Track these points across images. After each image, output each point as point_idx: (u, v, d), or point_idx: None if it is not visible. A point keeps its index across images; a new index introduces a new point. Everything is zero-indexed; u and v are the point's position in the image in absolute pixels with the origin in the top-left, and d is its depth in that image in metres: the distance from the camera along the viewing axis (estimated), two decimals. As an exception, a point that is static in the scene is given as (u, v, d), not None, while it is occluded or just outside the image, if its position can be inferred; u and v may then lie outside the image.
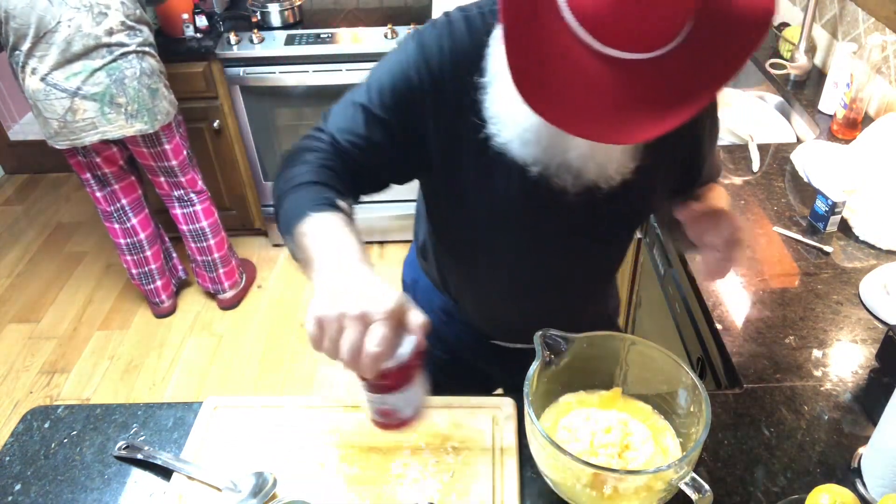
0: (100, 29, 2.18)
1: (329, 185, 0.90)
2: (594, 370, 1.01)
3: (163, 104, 2.38)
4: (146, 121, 2.35)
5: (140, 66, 2.28)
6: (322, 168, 0.93)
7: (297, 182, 0.90)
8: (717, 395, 1.13)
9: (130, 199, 2.64)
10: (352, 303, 0.72)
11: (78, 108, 2.24)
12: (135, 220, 2.66)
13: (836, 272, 1.38)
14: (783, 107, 2.10)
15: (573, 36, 0.76)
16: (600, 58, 0.75)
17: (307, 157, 0.94)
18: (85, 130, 2.30)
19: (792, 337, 1.24)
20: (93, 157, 2.47)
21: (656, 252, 1.75)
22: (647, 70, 0.76)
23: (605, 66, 0.75)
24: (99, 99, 2.25)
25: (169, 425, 1.09)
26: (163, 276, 2.83)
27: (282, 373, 2.66)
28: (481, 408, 1.07)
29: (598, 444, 0.91)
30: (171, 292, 2.91)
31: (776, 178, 1.68)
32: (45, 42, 2.15)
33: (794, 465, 1.00)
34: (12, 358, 2.79)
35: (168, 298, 2.90)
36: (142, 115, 2.33)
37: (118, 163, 2.53)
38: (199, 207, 2.69)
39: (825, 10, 2.11)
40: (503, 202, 1.01)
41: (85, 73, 2.21)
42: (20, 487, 1.01)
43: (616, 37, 0.74)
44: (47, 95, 2.22)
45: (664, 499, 0.86)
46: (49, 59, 2.17)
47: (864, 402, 1.11)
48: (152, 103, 2.34)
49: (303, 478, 0.99)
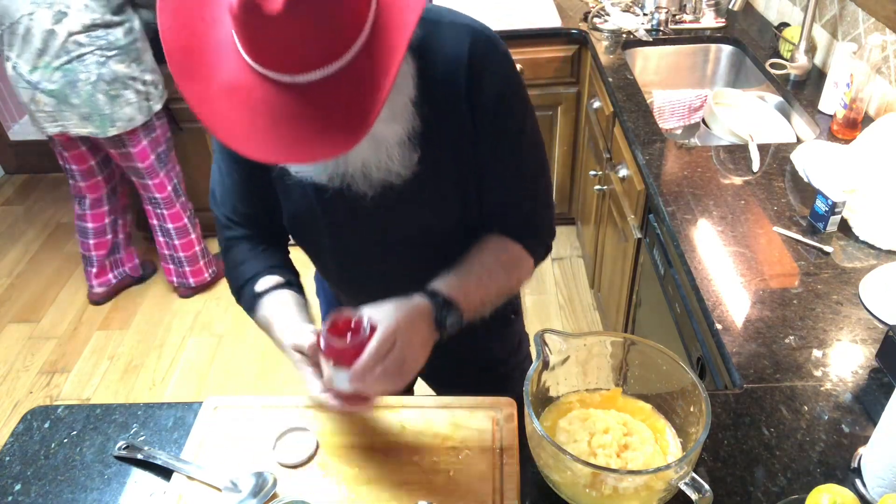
0: (60, 27, 2.19)
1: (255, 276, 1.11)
2: (594, 370, 1.01)
3: (124, 111, 2.36)
4: (98, 125, 2.36)
5: (98, 71, 2.27)
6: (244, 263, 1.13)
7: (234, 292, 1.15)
8: (717, 395, 1.13)
9: (92, 197, 2.72)
10: None
11: (39, 100, 2.31)
12: (89, 212, 2.75)
13: (836, 272, 1.38)
14: (783, 107, 2.10)
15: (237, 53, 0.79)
16: (262, 78, 0.78)
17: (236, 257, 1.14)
18: (47, 121, 2.37)
19: (792, 337, 1.24)
20: (61, 151, 2.53)
21: (656, 252, 1.75)
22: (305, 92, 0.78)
23: (266, 88, 0.79)
24: (56, 96, 2.29)
25: (169, 425, 1.09)
26: (101, 266, 2.90)
27: (282, 373, 2.65)
28: (481, 408, 1.07)
29: (596, 445, 0.91)
30: (106, 281, 2.95)
31: (776, 178, 1.68)
32: (10, 32, 2.20)
33: (794, 465, 1.00)
34: (12, 358, 2.79)
35: (100, 287, 2.95)
36: (93, 120, 2.34)
37: (88, 162, 2.58)
38: (166, 212, 2.72)
39: (825, 10, 2.11)
40: (308, 221, 1.10)
41: (43, 69, 2.24)
42: (20, 487, 1.01)
43: (270, 58, 0.77)
44: (16, 83, 2.31)
45: (664, 499, 0.86)
46: (15, 50, 2.23)
47: (864, 402, 1.11)
48: (110, 109, 2.33)
49: (303, 478, 0.99)
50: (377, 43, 0.80)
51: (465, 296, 1.00)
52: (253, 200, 1.13)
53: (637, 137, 1.88)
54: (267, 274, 1.11)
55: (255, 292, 1.09)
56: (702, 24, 2.53)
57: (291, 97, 0.78)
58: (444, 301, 0.97)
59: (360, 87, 0.79)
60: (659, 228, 1.72)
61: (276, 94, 0.78)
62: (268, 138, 0.79)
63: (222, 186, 1.14)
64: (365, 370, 0.89)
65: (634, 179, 1.92)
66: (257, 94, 0.79)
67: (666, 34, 2.52)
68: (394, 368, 0.90)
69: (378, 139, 0.93)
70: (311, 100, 0.78)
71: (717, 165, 1.74)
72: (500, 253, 1.09)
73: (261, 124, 0.79)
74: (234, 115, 0.79)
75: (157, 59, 2.48)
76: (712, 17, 2.54)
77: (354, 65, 0.78)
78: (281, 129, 0.79)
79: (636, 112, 2.00)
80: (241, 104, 0.79)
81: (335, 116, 0.79)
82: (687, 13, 2.57)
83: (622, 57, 2.38)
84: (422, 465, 1.00)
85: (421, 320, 0.95)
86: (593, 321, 2.76)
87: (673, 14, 2.56)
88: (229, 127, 0.80)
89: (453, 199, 1.07)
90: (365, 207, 1.02)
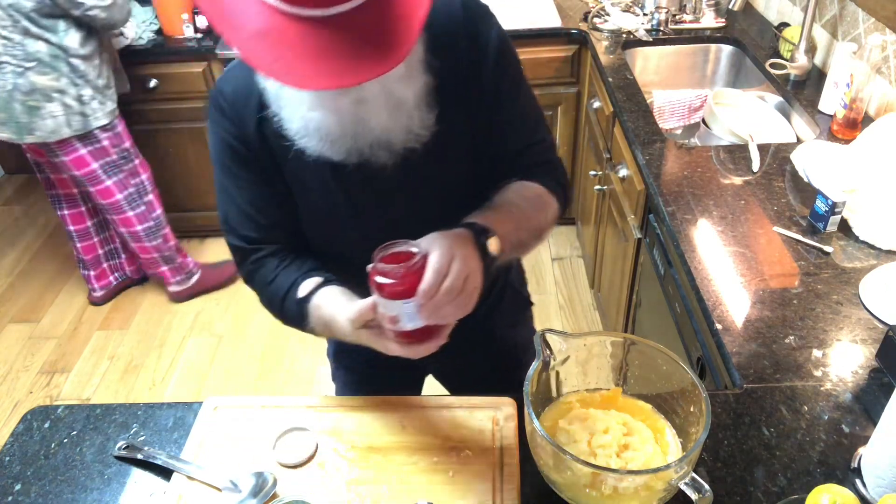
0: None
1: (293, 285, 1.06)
2: (594, 370, 1.01)
3: (45, 123, 2.33)
4: (14, 131, 2.35)
5: (15, 81, 2.25)
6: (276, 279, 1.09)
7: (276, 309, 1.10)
8: (717, 395, 1.13)
9: (65, 192, 2.71)
10: None
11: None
12: (66, 212, 2.74)
13: (836, 272, 1.38)
14: (783, 107, 2.10)
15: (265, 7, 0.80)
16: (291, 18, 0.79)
17: (257, 285, 1.12)
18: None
19: (792, 337, 1.24)
20: None
21: (656, 252, 1.75)
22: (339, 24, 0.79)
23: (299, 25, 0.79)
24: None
25: (169, 425, 1.09)
26: (96, 268, 2.91)
27: (282, 373, 2.65)
28: (481, 408, 1.07)
29: (596, 445, 0.91)
30: (106, 284, 2.96)
31: (776, 178, 1.68)
32: None
33: (794, 465, 1.00)
34: (12, 358, 2.79)
35: (100, 289, 2.96)
36: (10, 126, 2.33)
37: (45, 158, 2.57)
38: (115, 217, 2.69)
39: (825, 10, 2.11)
40: (329, 204, 1.07)
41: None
42: (20, 487, 1.01)
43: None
44: None
45: (664, 499, 0.86)
46: None
47: (864, 402, 1.11)
48: (27, 119, 2.31)
49: (303, 478, 0.99)
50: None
51: (500, 224, 0.98)
52: (272, 209, 1.09)
53: (637, 137, 1.88)
54: (304, 279, 1.06)
55: (299, 298, 1.05)
56: (702, 24, 2.53)
57: (328, 30, 0.78)
58: (481, 228, 0.96)
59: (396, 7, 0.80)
60: (659, 228, 1.72)
61: (311, 29, 0.78)
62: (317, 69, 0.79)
63: (235, 207, 1.09)
64: (432, 290, 0.85)
65: (634, 179, 1.92)
66: (291, 33, 0.78)
67: (666, 34, 2.52)
68: (459, 284, 0.87)
69: (398, 101, 0.93)
70: (349, 28, 0.79)
71: (717, 165, 1.74)
72: (524, 189, 1.09)
73: (304, 59, 0.79)
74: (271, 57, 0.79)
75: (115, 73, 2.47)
76: (712, 17, 2.54)
77: None
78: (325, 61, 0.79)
79: (636, 112, 2.00)
80: (276, 45, 0.79)
81: (378, 39, 0.80)
82: (687, 13, 2.57)
83: (622, 57, 2.38)
84: (422, 465, 1.00)
85: (468, 243, 0.92)
86: (593, 321, 2.76)
87: (673, 14, 2.56)
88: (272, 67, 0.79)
89: (469, 154, 1.08)
90: (386, 179, 1.01)
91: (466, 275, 0.88)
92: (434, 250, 0.88)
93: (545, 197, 1.11)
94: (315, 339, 1.18)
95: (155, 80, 2.77)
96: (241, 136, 1.03)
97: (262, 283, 1.11)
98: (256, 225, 1.09)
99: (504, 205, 1.05)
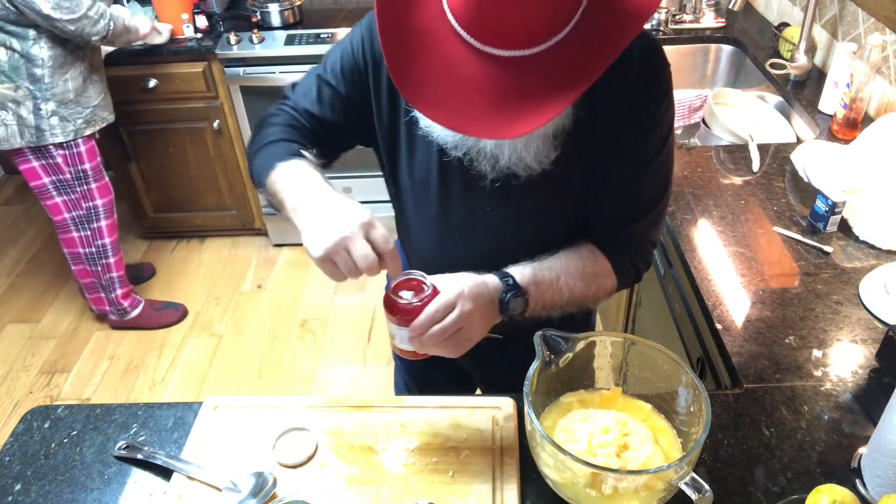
0: None
1: (293, 140, 1.02)
2: (594, 370, 1.01)
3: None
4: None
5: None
6: (288, 128, 1.04)
7: (265, 141, 1.03)
8: (717, 395, 1.13)
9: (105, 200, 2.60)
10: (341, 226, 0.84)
11: None
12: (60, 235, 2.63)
13: (836, 272, 1.38)
14: (783, 107, 2.10)
15: (452, 32, 0.79)
16: (479, 55, 0.78)
17: (275, 120, 1.06)
18: None
19: (792, 337, 1.24)
20: None
21: (656, 252, 1.75)
22: (526, 66, 0.78)
23: (484, 64, 0.78)
24: None
25: (169, 425, 1.09)
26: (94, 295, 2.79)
27: (282, 373, 2.65)
28: (481, 408, 1.07)
29: (595, 445, 0.91)
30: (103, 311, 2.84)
31: (776, 178, 1.68)
32: None
33: (794, 465, 1.00)
34: (12, 358, 2.79)
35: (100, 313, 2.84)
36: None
37: None
38: (60, 235, 2.61)
39: (825, 10, 2.11)
40: (423, 181, 1.05)
41: None
42: (20, 487, 1.01)
43: (492, 34, 0.77)
44: None
45: (664, 499, 0.86)
46: None
47: (864, 402, 1.11)
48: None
49: (303, 478, 0.99)
50: (601, 21, 0.79)
51: (536, 287, 0.98)
52: (335, 117, 1.07)
53: (637, 137, 1.88)
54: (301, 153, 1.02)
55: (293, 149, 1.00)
56: (702, 24, 2.53)
57: (511, 72, 0.78)
58: (514, 284, 0.96)
59: (583, 55, 0.79)
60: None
61: (495, 70, 0.78)
62: (492, 115, 0.78)
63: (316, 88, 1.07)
64: (421, 328, 0.88)
65: (634, 179, 1.92)
66: (474, 72, 0.78)
67: (666, 34, 2.52)
68: (450, 333, 0.89)
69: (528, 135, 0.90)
70: (531, 73, 0.78)
71: (717, 165, 1.74)
72: (587, 262, 1.05)
73: (482, 102, 0.78)
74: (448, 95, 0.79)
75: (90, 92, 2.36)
76: (712, 17, 2.54)
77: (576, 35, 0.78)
78: (502, 105, 0.78)
79: (636, 112, 2.00)
80: (457, 83, 0.78)
81: (534, 94, 0.79)
82: (687, 13, 2.57)
83: (622, 57, 2.37)
84: (422, 465, 1.00)
85: (486, 295, 0.93)
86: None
87: (673, 14, 2.56)
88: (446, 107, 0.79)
89: (572, 205, 1.05)
90: (482, 187, 0.99)
91: (461, 326, 0.90)
92: (442, 293, 0.90)
93: (604, 277, 1.06)
94: (316, 340, 1.18)
95: (155, 80, 2.77)
96: (374, 65, 1.01)
97: (267, 122, 1.07)
98: (304, 98, 1.08)
99: (555, 269, 1.01)
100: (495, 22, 0.76)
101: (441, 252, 1.14)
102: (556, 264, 1.02)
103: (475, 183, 1.00)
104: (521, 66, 0.78)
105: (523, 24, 0.76)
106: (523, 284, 0.97)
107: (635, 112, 0.96)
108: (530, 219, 1.06)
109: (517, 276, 0.97)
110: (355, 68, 1.04)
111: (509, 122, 0.79)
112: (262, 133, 1.06)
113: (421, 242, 1.17)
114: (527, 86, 0.79)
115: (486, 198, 1.02)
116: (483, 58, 0.78)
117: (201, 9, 2.81)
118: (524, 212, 1.05)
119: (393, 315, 0.92)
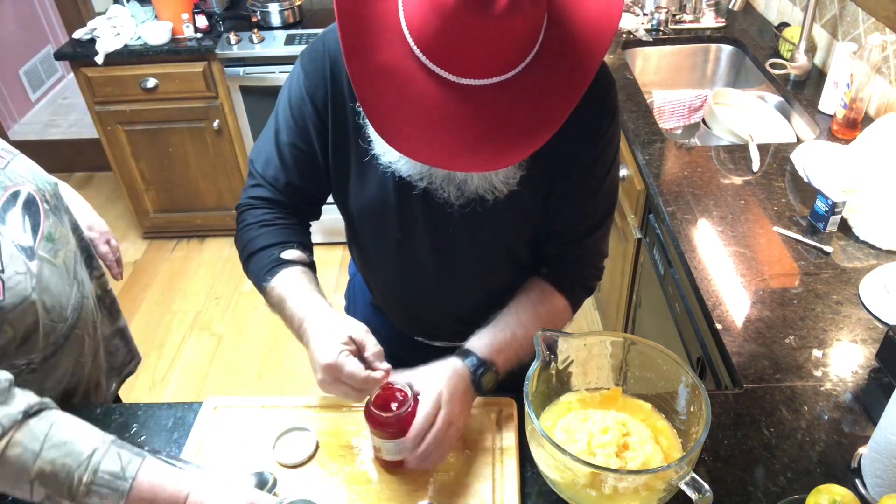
0: None
1: (274, 244, 1.04)
2: (594, 370, 1.01)
3: None
4: None
5: None
6: (265, 227, 1.05)
7: (249, 251, 1.06)
8: (717, 395, 1.13)
9: None
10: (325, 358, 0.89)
11: None
12: None
13: (836, 272, 1.38)
14: (783, 107, 2.10)
15: (422, 69, 0.78)
16: (454, 88, 0.77)
17: (250, 218, 1.07)
18: None
19: (792, 337, 1.24)
20: None
21: (656, 252, 1.75)
22: (504, 93, 0.77)
23: (460, 95, 0.77)
24: None
25: (169, 425, 1.09)
26: None
27: (282, 373, 2.66)
28: (481, 408, 1.07)
29: (595, 445, 0.91)
30: None
31: (776, 178, 1.68)
32: None
33: (794, 465, 1.00)
34: (12, 358, 2.78)
35: None
36: None
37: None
38: None
39: (825, 10, 2.11)
40: (379, 210, 1.05)
41: None
42: (20, 487, 1.01)
43: (452, 61, 0.76)
44: None
45: (664, 499, 0.86)
46: None
47: (864, 402, 1.11)
48: None
49: (303, 478, 0.99)
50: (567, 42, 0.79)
51: (499, 354, 1.00)
52: (304, 176, 1.06)
53: (637, 137, 1.88)
54: (291, 248, 1.04)
55: (281, 259, 1.02)
56: (702, 24, 2.53)
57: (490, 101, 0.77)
58: (479, 361, 0.98)
59: (548, 88, 0.79)
60: (659, 228, 1.72)
61: (472, 101, 0.77)
62: (475, 147, 0.78)
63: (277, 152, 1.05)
64: (415, 441, 0.92)
65: (634, 179, 1.92)
66: (453, 106, 0.77)
67: (666, 34, 2.52)
68: (441, 435, 0.92)
69: None
70: (490, 105, 0.77)
71: (717, 165, 1.74)
72: (540, 307, 1.07)
73: (466, 135, 0.78)
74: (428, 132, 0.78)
75: None
76: (712, 17, 2.54)
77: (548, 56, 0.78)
78: (486, 135, 0.78)
79: (636, 112, 2.00)
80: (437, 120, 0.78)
81: (515, 122, 0.78)
82: (687, 13, 2.56)
83: (622, 57, 2.38)
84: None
85: (462, 384, 0.96)
86: (593, 321, 2.76)
87: (673, 14, 2.56)
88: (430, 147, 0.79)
89: (532, 223, 1.06)
90: (449, 214, 0.99)
91: (451, 422, 0.93)
92: (424, 400, 0.92)
93: (561, 313, 1.10)
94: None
95: (155, 79, 2.77)
96: (323, 101, 1.00)
97: (250, 222, 1.07)
98: (276, 179, 1.06)
99: (510, 327, 1.03)
100: (467, 52, 0.76)
101: (402, 278, 1.15)
102: (510, 321, 1.04)
103: (440, 209, 0.99)
104: (500, 93, 0.78)
105: (492, 51, 0.76)
106: (488, 357, 0.99)
107: (590, 130, 0.98)
108: (496, 238, 1.07)
109: (478, 351, 0.99)
110: (305, 121, 1.02)
111: (497, 152, 0.79)
112: (243, 236, 1.07)
113: (382, 269, 1.18)
114: (510, 113, 0.78)
115: (451, 222, 1.02)
116: (459, 90, 0.78)
117: (201, 8, 2.80)
118: (490, 233, 1.05)
119: (380, 430, 0.94)
